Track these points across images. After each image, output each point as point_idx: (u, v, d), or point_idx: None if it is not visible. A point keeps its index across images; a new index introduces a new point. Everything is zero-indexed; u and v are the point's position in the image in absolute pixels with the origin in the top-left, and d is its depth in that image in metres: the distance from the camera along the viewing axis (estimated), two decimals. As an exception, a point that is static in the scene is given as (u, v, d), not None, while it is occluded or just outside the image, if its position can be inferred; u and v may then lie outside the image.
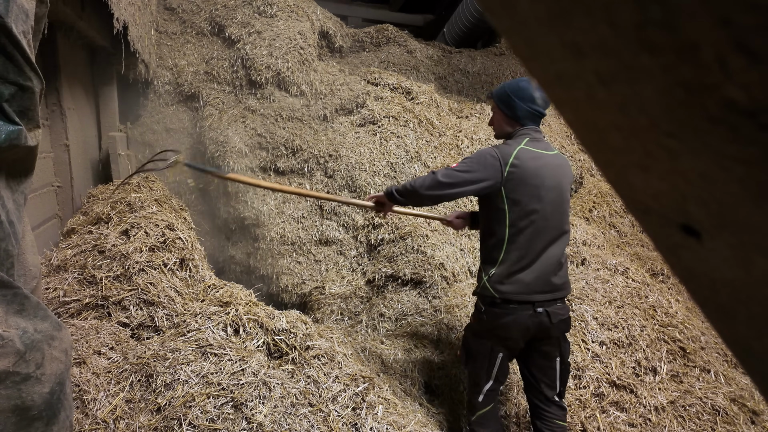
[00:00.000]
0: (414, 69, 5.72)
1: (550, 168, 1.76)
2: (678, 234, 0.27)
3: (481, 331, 1.84)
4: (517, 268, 1.74)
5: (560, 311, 1.78)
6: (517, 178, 1.72)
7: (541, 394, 1.86)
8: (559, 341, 1.83)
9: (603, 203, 4.12)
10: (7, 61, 0.94)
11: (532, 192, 1.72)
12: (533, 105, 1.79)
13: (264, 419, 1.43)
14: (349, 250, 3.45)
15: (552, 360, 1.83)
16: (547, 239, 1.75)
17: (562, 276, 1.80)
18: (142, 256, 1.98)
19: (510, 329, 1.76)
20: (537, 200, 1.73)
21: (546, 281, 1.75)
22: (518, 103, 1.79)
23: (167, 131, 4.00)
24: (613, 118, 0.25)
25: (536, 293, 1.74)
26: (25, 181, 1.06)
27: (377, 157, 3.74)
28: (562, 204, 1.80)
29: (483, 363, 1.83)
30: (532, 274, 1.73)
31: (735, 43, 0.18)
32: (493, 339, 1.80)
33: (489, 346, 1.81)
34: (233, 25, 4.25)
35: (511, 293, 1.73)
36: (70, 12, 2.40)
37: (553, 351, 1.83)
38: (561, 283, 1.79)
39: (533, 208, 1.73)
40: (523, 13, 0.25)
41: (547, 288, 1.75)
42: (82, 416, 1.43)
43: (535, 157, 1.75)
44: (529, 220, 1.73)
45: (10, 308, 0.91)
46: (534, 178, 1.72)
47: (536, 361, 1.85)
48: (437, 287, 2.83)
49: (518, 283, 1.74)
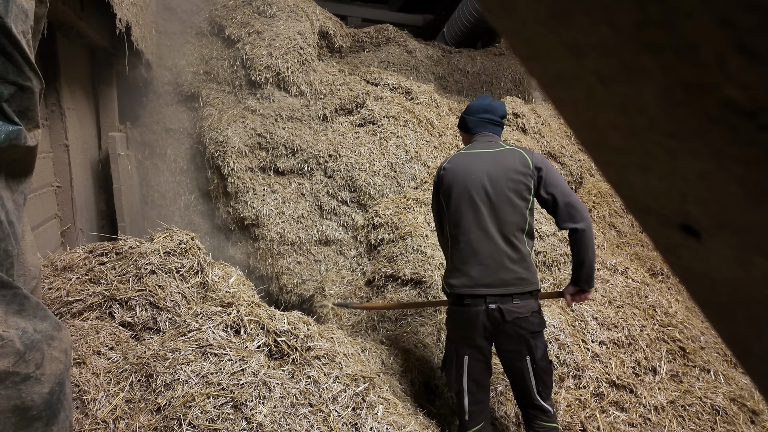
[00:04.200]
0: (414, 69, 5.73)
1: (486, 163, 1.84)
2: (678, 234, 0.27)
3: (449, 334, 1.91)
4: (462, 263, 1.81)
5: (517, 309, 1.74)
6: (448, 179, 1.87)
7: (522, 397, 1.84)
8: (526, 340, 1.77)
9: (603, 203, 4.12)
10: (7, 61, 0.94)
11: (463, 191, 1.83)
12: (481, 114, 1.95)
13: (264, 419, 1.43)
14: (349, 250, 3.45)
15: (521, 360, 1.79)
16: (490, 233, 1.78)
17: (513, 271, 1.76)
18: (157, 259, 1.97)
19: (466, 327, 1.80)
20: (467, 194, 1.82)
21: (493, 276, 1.75)
22: (468, 118, 1.98)
23: (167, 131, 4.00)
24: (612, 118, 0.25)
25: (483, 287, 1.76)
26: (25, 182, 1.06)
27: (377, 157, 3.74)
28: (504, 196, 1.79)
29: (451, 368, 1.86)
30: (477, 269, 1.78)
31: (735, 43, 0.18)
32: (456, 340, 1.85)
33: (454, 348, 1.85)
34: (233, 25, 4.25)
35: (459, 287, 1.80)
36: (69, 12, 2.40)
37: (520, 350, 1.78)
38: (511, 278, 1.75)
39: (467, 206, 1.81)
40: (522, 13, 0.25)
41: (495, 282, 1.75)
42: (81, 416, 1.43)
43: (468, 157, 1.88)
44: (464, 216, 1.81)
45: (10, 308, 0.91)
46: (465, 177, 1.84)
47: (507, 363, 1.85)
48: (437, 287, 2.83)
49: (464, 277, 1.80)
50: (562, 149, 4.68)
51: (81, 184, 2.89)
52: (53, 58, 2.55)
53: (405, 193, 3.57)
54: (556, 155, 4.64)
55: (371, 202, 3.57)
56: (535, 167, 1.81)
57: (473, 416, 1.83)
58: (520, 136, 4.50)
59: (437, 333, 2.58)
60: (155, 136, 3.96)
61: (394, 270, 2.94)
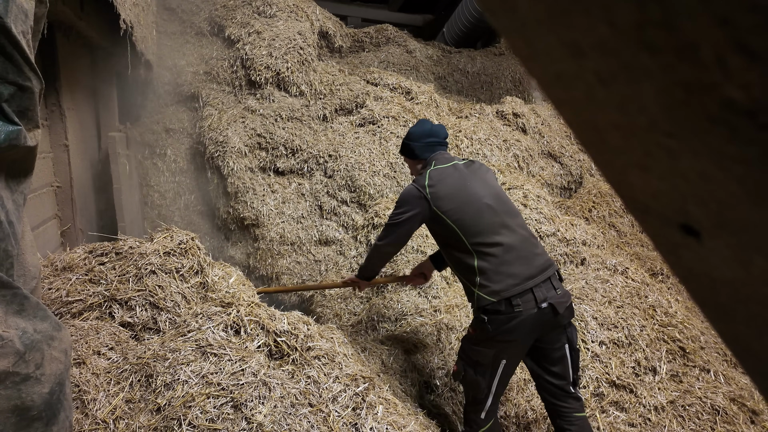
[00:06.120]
0: (413, 69, 5.73)
1: (469, 171, 1.90)
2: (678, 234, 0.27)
3: (484, 340, 1.78)
4: (499, 265, 1.75)
5: (563, 299, 1.75)
6: (442, 193, 1.84)
7: (556, 388, 1.81)
8: (564, 327, 1.79)
9: (602, 203, 4.12)
10: (7, 62, 0.94)
11: (461, 197, 1.82)
12: (426, 139, 1.99)
13: (264, 419, 1.43)
14: (349, 250, 3.45)
15: (561, 348, 1.79)
16: (512, 228, 1.80)
17: (542, 254, 1.81)
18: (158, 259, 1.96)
19: (514, 332, 1.71)
20: (476, 200, 1.81)
21: (532, 266, 1.75)
22: (413, 144, 2.01)
23: (167, 131, 4.00)
24: (612, 118, 0.25)
25: (527, 280, 1.73)
26: (25, 182, 1.06)
27: (377, 157, 3.74)
28: (503, 194, 1.91)
29: (485, 374, 1.78)
30: (516, 264, 1.75)
31: (735, 43, 0.18)
32: (497, 346, 1.75)
33: (492, 353, 1.76)
34: (233, 25, 4.25)
35: (506, 289, 1.71)
36: (69, 12, 2.40)
37: (561, 338, 1.78)
38: (543, 262, 1.79)
39: (484, 210, 1.79)
40: (522, 13, 0.25)
41: (535, 272, 1.75)
42: (81, 416, 1.43)
43: (449, 170, 1.90)
44: (485, 221, 1.78)
45: (10, 308, 0.91)
46: (456, 185, 1.85)
47: (545, 354, 1.80)
48: (437, 287, 2.83)
49: (509, 278, 1.73)
50: (562, 149, 4.68)
51: (81, 184, 2.89)
52: (53, 58, 2.55)
53: (405, 193, 3.57)
54: (556, 155, 4.64)
55: (371, 202, 3.57)
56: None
57: (489, 414, 1.82)
58: (520, 137, 4.51)
59: (437, 333, 2.58)
60: (155, 136, 3.96)
61: (394, 270, 2.94)
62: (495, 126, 4.48)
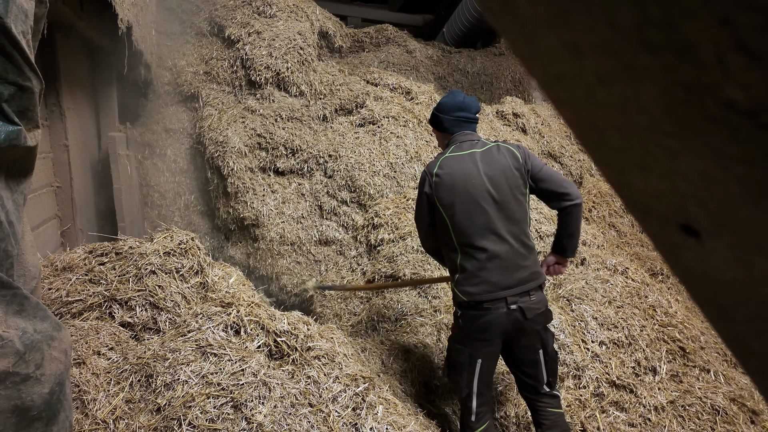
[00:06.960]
0: (413, 69, 5.73)
1: (480, 164, 1.80)
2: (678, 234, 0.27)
3: (461, 338, 1.84)
4: (479, 270, 1.74)
5: (535, 305, 1.76)
6: (445, 185, 1.80)
7: (531, 388, 1.86)
8: (539, 334, 1.80)
9: (602, 203, 4.12)
10: (7, 62, 0.94)
11: (467, 198, 1.77)
12: (457, 113, 1.89)
13: (264, 419, 1.43)
14: (349, 251, 3.45)
15: (535, 353, 1.81)
16: (503, 236, 1.76)
17: (527, 267, 1.77)
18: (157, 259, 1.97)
19: (486, 331, 1.76)
20: (473, 200, 1.76)
21: (512, 277, 1.74)
22: (442, 116, 1.92)
23: (166, 131, 4.00)
24: (612, 118, 0.25)
25: (503, 290, 1.73)
26: (25, 182, 1.06)
27: (377, 157, 3.73)
28: (508, 195, 1.78)
29: (462, 372, 1.82)
30: (495, 273, 1.73)
31: (735, 43, 0.18)
32: (470, 344, 1.80)
33: (467, 353, 1.81)
34: (233, 26, 4.25)
35: (479, 294, 1.74)
36: (69, 12, 2.40)
37: (535, 344, 1.80)
38: (527, 275, 1.76)
39: (476, 212, 1.76)
40: (522, 13, 0.25)
41: (514, 283, 1.74)
42: (81, 416, 1.43)
43: (460, 161, 1.82)
44: (475, 223, 1.76)
45: (10, 308, 0.91)
46: (466, 182, 1.78)
47: (520, 357, 1.84)
48: (437, 287, 2.83)
49: (484, 284, 1.74)
50: (562, 149, 4.68)
51: (81, 184, 2.89)
52: (53, 58, 2.55)
53: (405, 193, 3.57)
54: (556, 155, 4.64)
55: (371, 202, 3.57)
56: (524, 159, 1.82)
57: (480, 416, 1.84)
58: (520, 136, 4.51)
59: (437, 333, 2.58)
60: (155, 136, 3.96)
61: (394, 270, 2.94)
62: (495, 126, 4.48)
